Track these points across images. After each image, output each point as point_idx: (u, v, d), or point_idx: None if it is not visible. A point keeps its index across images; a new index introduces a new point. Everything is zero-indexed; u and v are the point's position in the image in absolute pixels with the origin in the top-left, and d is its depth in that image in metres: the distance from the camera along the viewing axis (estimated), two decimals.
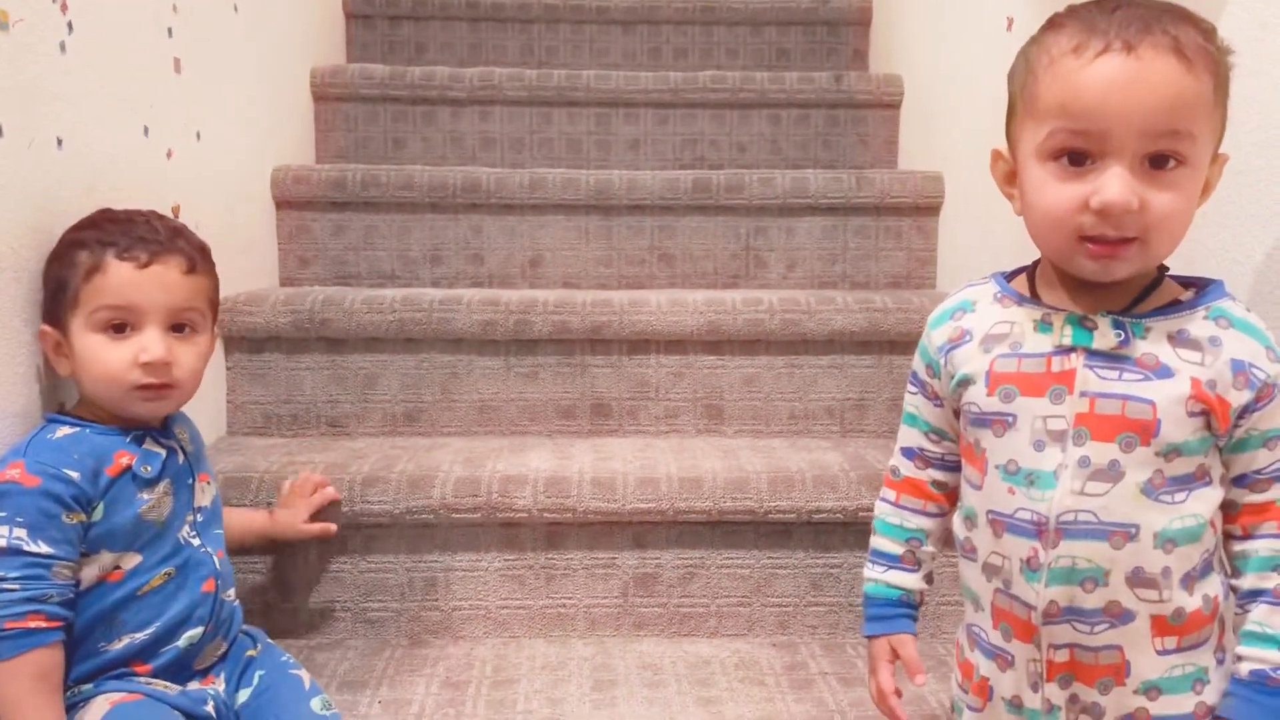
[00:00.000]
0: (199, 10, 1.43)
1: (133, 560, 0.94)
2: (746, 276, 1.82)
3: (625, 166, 2.02)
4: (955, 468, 0.87)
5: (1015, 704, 0.80)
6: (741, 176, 1.80)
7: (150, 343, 0.94)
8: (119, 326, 0.94)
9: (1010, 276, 0.84)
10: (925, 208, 1.81)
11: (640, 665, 1.23)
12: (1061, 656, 0.77)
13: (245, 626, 1.07)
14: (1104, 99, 0.70)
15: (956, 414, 0.84)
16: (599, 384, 1.55)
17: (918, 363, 0.87)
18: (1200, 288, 0.78)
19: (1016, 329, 0.78)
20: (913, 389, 0.88)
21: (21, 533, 0.87)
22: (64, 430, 0.93)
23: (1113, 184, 0.70)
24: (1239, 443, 0.75)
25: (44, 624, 0.87)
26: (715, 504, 1.28)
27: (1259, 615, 0.75)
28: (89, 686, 0.92)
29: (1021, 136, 0.76)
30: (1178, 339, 0.74)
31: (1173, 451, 0.74)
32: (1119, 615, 0.75)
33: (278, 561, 1.29)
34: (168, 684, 0.95)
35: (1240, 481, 0.77)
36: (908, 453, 0.89)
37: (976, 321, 0.81)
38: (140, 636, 0.94)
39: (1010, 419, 0.77)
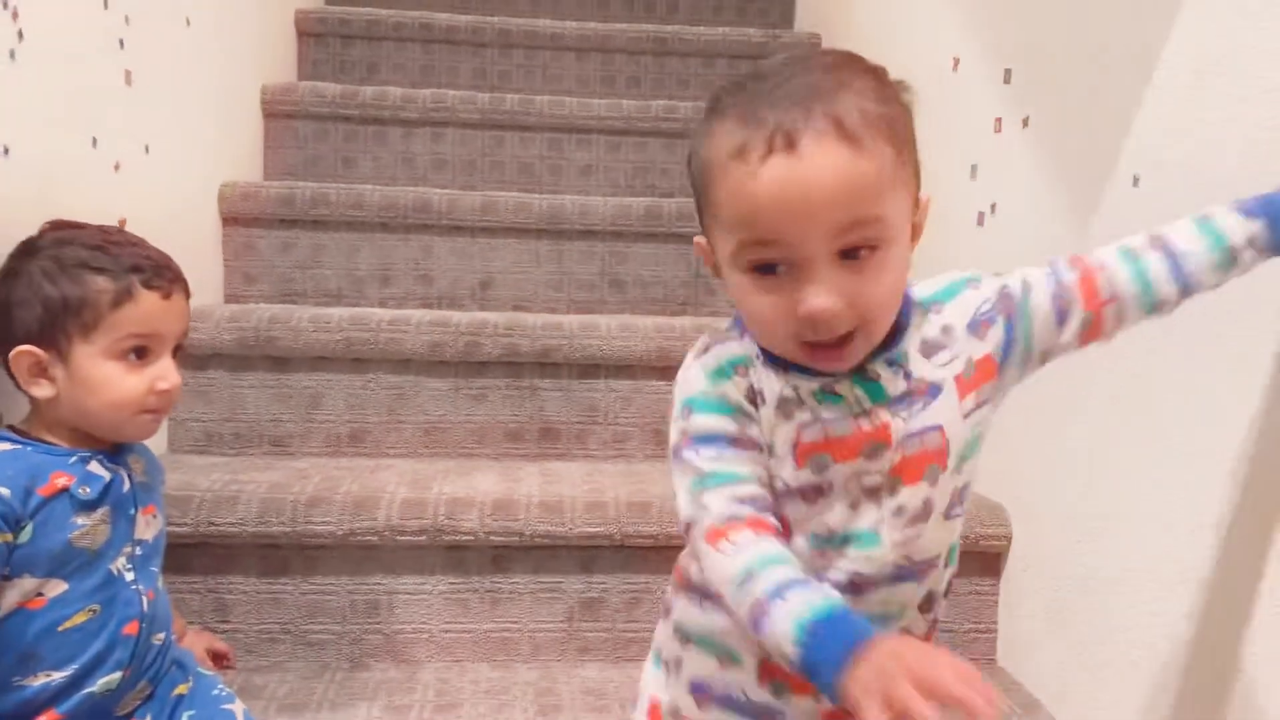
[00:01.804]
0: (152, 23, 1.42)
1: (58, 588, 0.90)
2: (695, 304, 1.84)
3: (577, 192, 2.03)
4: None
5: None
6: (693, 205, 1.82)
7: (167, 371, 0.95)
8: (140, 353, 0.93)
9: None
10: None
11: (584, 690, 1.23)
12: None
13: (176, 653, 1.03)
14: (776, 209, 0.64)
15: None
16: (548, 407, 1.55)
17: (713, 422, 0.73)
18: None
19: (803, 395, 0.72)
20: (711, 452, 0.72)
21: None
22: (3, 446, 0.91)
23: (813, 295, 0.65)
24: (1030, 327, 0.75)
25: None
26: (663, 529, 1.29)
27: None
28: None
29: (715, 239, 0.70)
30: (926, 349, 0.73)
31: (961, 462, 0.74)
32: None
33: (216, 583, 1.27)
34: None
35: (1059, 319, 0.75)
36: (740, 500, 0.71)
37: (762, 382, 0.73)
38: (58, 676, 0.89)
39: (826, 486, 0.72)
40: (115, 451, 0.97)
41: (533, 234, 1.82)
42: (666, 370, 1.56)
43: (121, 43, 1.33)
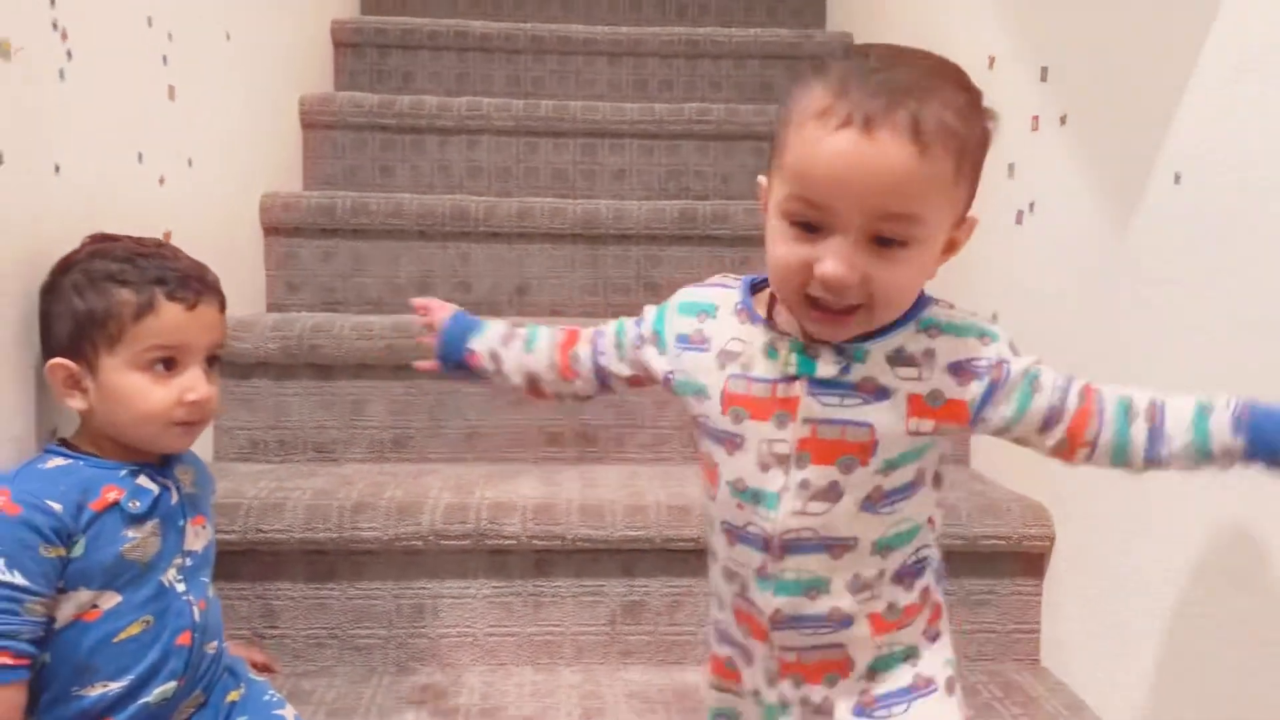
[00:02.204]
0: (193, 39, 1.45)
1: (112, 600, 0.91)
2: None
3: (611, 196, 2.04)
4: (606, 382, 0.93)
5: (756, 697, 0.86)
6: (727, 207, 1.83)
7: (196, 382, 0.95)
8: (168, 364, 0.94)
9: (759, 284, 0.83)
10: None
11: (628, 693, 1.24)
12: (790, 657, 0.82)
13: (227, 660, 1.04)
14: (831, 177, 0.69)
15: (636, 382, 0.90)
16: (586, 411, 1.56)
17: (648, 321, 0.88)
18: (916, 303, 0.79)
19: (748, 350, 0.79)
20: (630, 326, 0.90)
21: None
22: (56, 461, 0.93)
23: (831, 259, 0.70)
24: (1013, 413, 0.77)
25: (10, 661, 0.85)
26: (703, 532, 1.29)
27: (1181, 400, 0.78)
28: None
29: (773, 183, 0.76)
30: (895, 358, 0.76)
31: (890, 466, 0.77)
32: (840, 620, 0.80)
33: (264, 589, 1.29)
34: None
35: (1044, 426, 0.78)
36: (597, 350, 0.92)
37: (716, 330, 0.82)
38: (114, 687, 0.91)
39: (739, 439, 0.79)
40: (163, 464, 0.98)
41: (568, 239, 1.83)
42: None
43: (165, 59, 1.35)
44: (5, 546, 0.86)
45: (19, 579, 0.86)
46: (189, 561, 0.98)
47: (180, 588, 0.96)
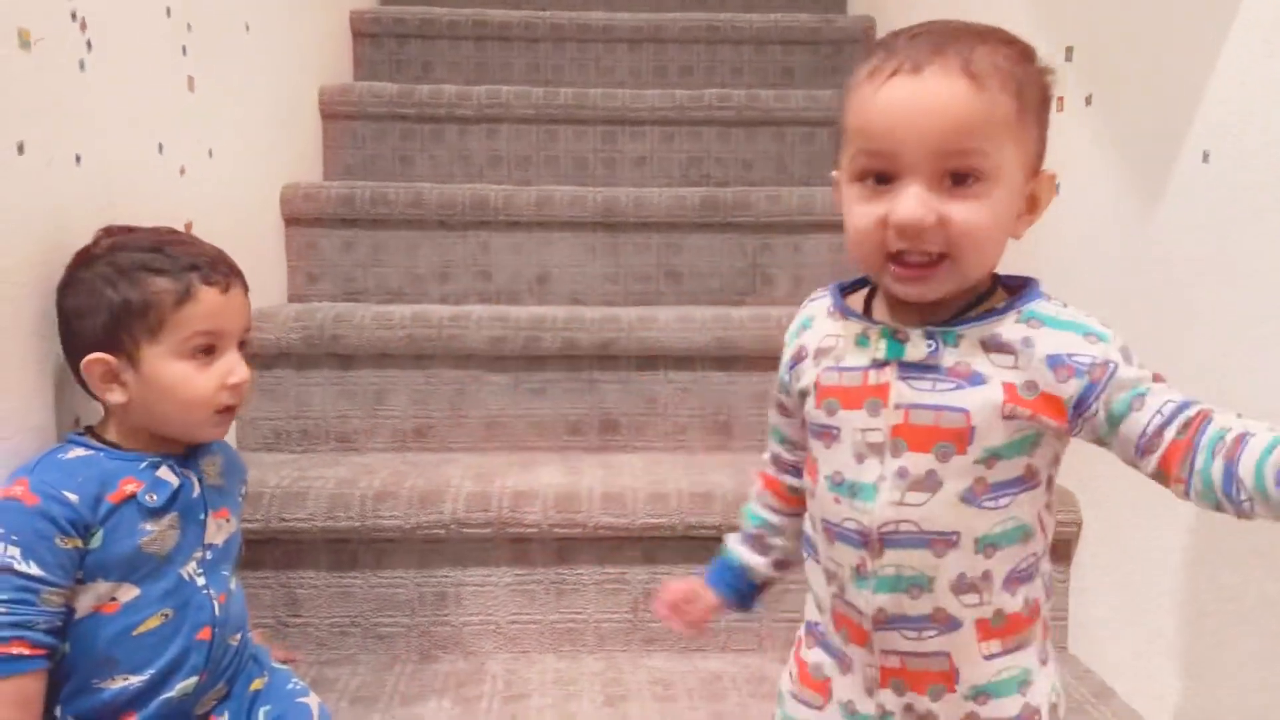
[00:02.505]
0: (212, 30, 1.45)
1: (130, 593, 0.91)
2: (753, 293, 1.83)
3: (631, 184, 2.03)
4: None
5: (850, 709, 0.81)
6: (749, 194, 1.81)
7: (235, 365, 0.96)
8: (207, 350, 0.94)
9: (851, 288, 0.83)
10: None
11: (651, 680, 1.24)
12: (893, 663, 0.78)
13: (251, 649, 1.04)
14: (889, 121, 0.71)
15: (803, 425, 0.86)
16: (607, 400, 1.56)
17: (780, 389, 0.86)
18: (1019, 291, 0.77)
19: (841, 343, 0.79)
20: (777, 418, 0.89)
21: (15, 551, 0.85)
22: (77, 452, 0.93)
23: (905, 201, 0.70)
24: (1107, 422, 0.72)
25: (27, 651, 0.85)
26: (725, 519, 1.29)
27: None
28: None
29: (841, 159, 0.77)
30: (990, 344, 0.74)
31: (992, 457, 0.74)
32: (945, 621, 0.76)
33: (288, 578, 1.29)
34: None
35: (1138, 453, 0.72)
36: (771, 457, 0.91)
37: (811, 337, 0.82)
38: (135, 680, 0.91)
39: (835, 431, 0.78)
40: (188, 455, 0.98)
41: (588, 227, 1.82)
42: (725, 361, 1.55)
43: (184, 49, 1.36)
44: (22, 537, 0.86)
45: (34, 569, 0.86)
46: (209, 555, 0.97)
47: (200, 581, 0.96)
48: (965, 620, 0.76)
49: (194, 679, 0.94)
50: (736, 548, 0.93)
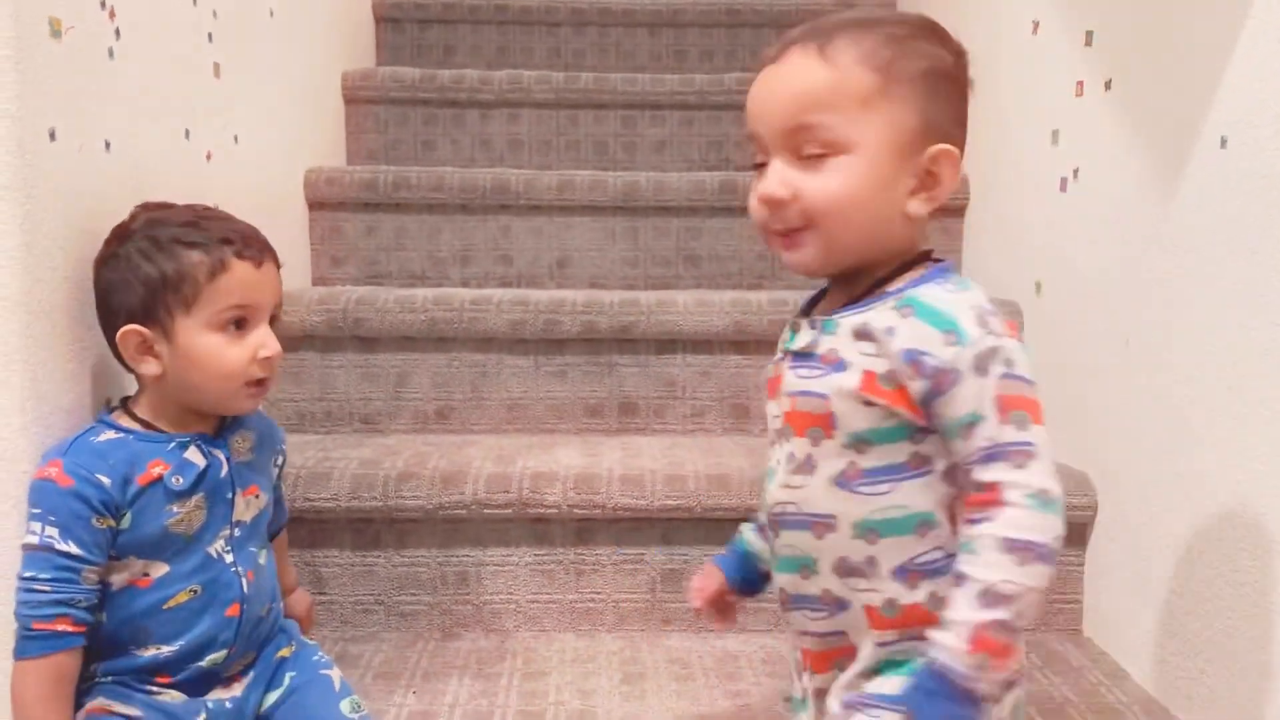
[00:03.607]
0: (237, 16, 1.47)
1: (160, 569, 0.94)
2: (772, 278, 1.84)
3: (651, 168, 2.04)
4: None
5: (789, 693, 0.87)
6: None
7: (267, 339, 0.97)
8: (239, 323, 0.96)
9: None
10: (950, 209, 1.82)
11: (669, 659, 1.25)
12: (806, 643, 0.82)
13: (282, 621, 1.07)
14: (752, 104, 0.78)
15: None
16: (626, 383, 1.57)
17: None
18: (919, 279, 0.76)
19: (782, 339, 0.83)
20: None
21: (54, 532, 0.88)
22: (107, 435, 0.95)
23: (766, 178, 0.76)
24: (946, 431, 0.72)
25: (70, 628, 0.88)
26: (742, 501, 1.30)
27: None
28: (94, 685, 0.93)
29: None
30: (859, 332, 0.75)
31: (860, 442, 0.74)
32: (834, 603, 0.78)
33: (313, 556, 1.32)
34: (175, 695, 0.95)
35: (961, 471, 0.72)
36: None
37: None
38: (166, 650, 0.94)
39: (771, 420, 0.83)
40: (217, 433, 1.00)
41: (608, 212, 1.84)
42: (743, 345, 1.56)
43: (210, 36, 1.37)
44: (60, 518, 0.89)
45: (74, 549, 0.89)
46: (237, 532, 0.99)
47: (228, 559, 0.98)
48: (854, 603, 0.77)
49: (224, 652, 0.97)
50: (747, 534, 0.96)
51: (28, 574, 0.88)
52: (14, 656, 0.88)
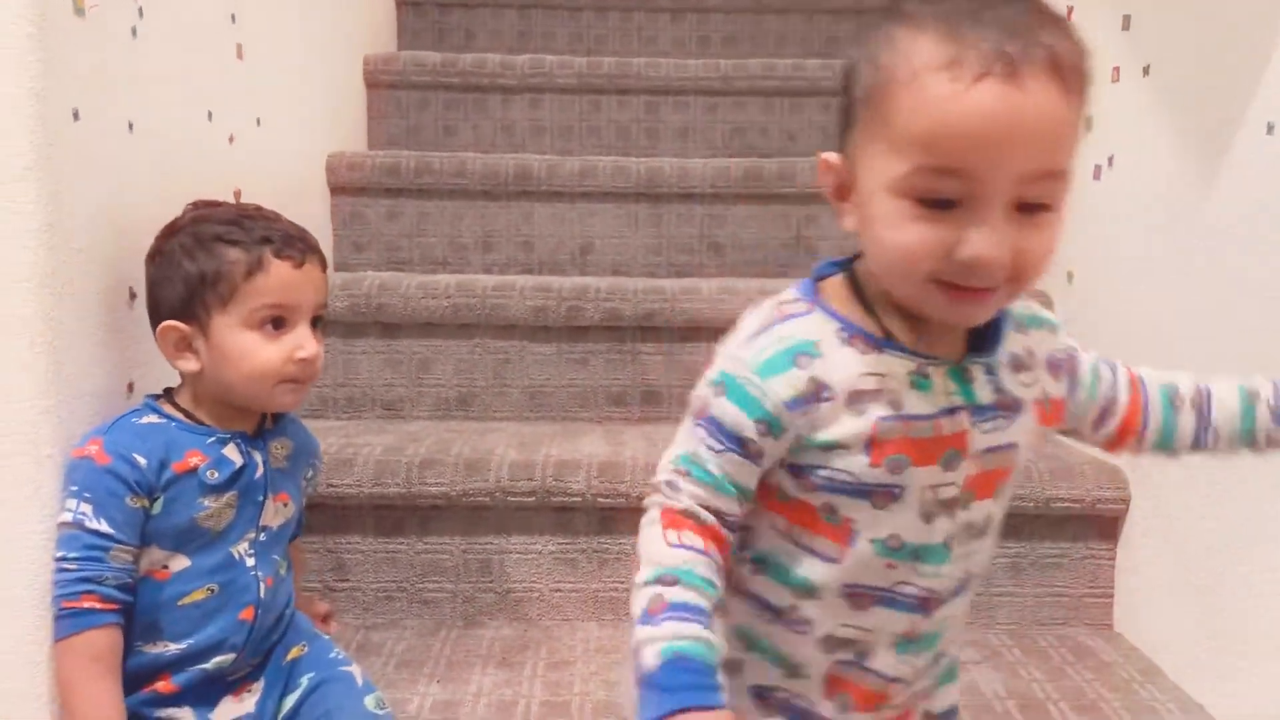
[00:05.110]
0: None
1: (181, 563, 0.93)
2: (796, 266, 1.82)
3: (674, 154, 2.02)
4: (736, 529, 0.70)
5: None
6: (793, 164, 1.80)
7: (305, 339, 0.96)
8: (277, 323, 0.96)
9: (821, 284, 0.70)
10: None
11: None
12: (894, 712, 0.73)
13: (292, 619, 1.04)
14: (980, 138, 0.58)
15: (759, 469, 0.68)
16: (650, 371, 1.56)
17: (735, 417, 0.65)
18: None
19: (889, 383, 0.65)
20: (718, 446, 0.66)
21: (87, 508, 0.88)
22: (150, 418, 0.95)
23: (983, 238, 0.59)
24: (1080, 408, 0.74)
25: (98, 605, 0.88)
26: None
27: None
28: None
29: (869, 158, 0.63)
30: (1015, 364, 0.69)
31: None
32: (944, 655, 0.73)
33: (335, 543, 1.31)
34: (186, 716, 0.93)
35: (1100, 418, 0.75)
36: (713, 512, 0.67)
37: (831, 371, 0.65)
38: (174, 648, 0.93)
39: (897, 491, 0.66)
40: (257, 434, 0.99)
41: (631, 198, 1.82)
42: None
43: (233, 17, 1.36)
44: (94, 494, 0.89)
45: (105, 527, 0.88)
46: (263, 536, 0.98)
47: (250, 562, 0.97)
48: (954, 639, 0.74)
49: (231, 655, 0.95)
50: (709, 635, 0.63)
51: (59, 554, 0.88)
52: (53, 639, 0.88)
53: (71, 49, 0.95)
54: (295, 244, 0.97)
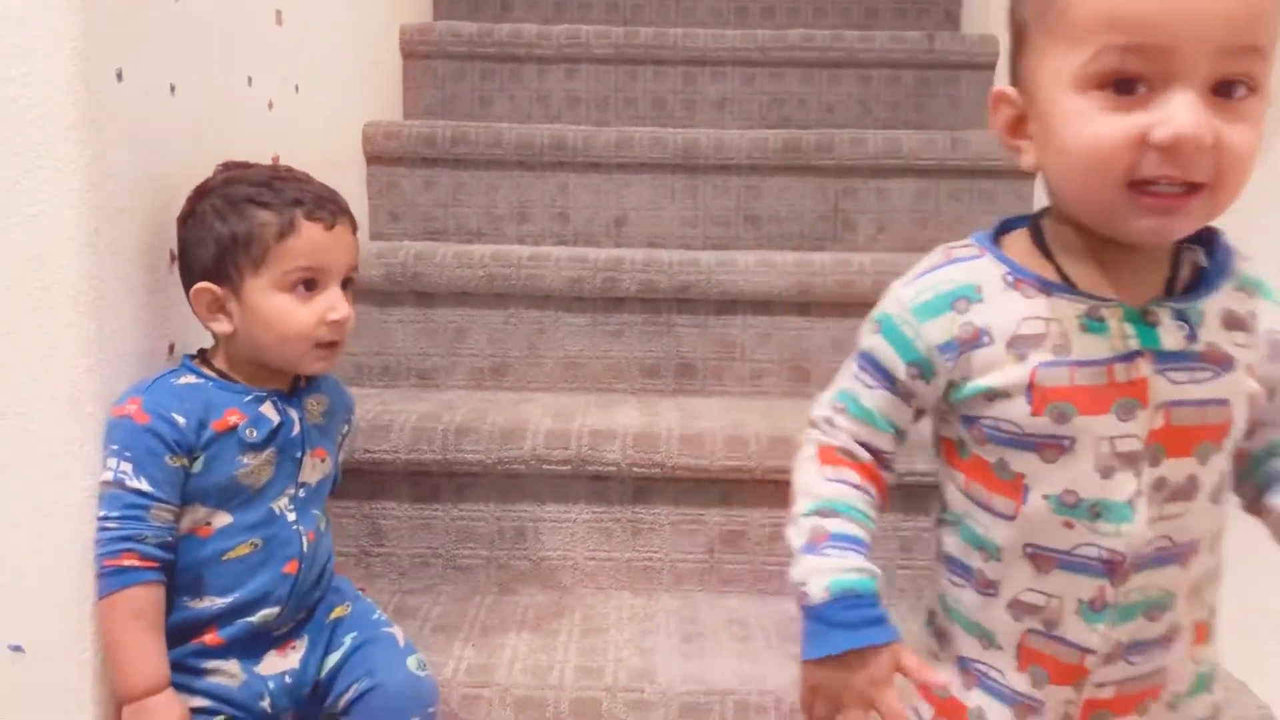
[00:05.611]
0: None
1: (223, 519, 0.94)
2: (834, 239, 1.80)
3: (710, 125, 2.00)
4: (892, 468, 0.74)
5: None
6: (831, 136, 1.78)
7: (336, 301, 0.97)
8: (309, 285, 0.96)
9: (1000, 238, 0.69)
10: (1022, 171, 1.76)
11: (728, 619, 1.24)
12: (1106, 693, 0.68)
13: (335, 580, 1.06)
14: (1169, 6, 0.55)
15: (919, 413, 0.71)
16: (685, 344, 1.55)
17: (888, 355, 0.69)
18: (1206, 246, 0.67)
19: (1054, 328, 0.64)
20: (872, 382, 0.70)
21: (127, 467, 0.89)
22: (188, 379, 0.96)
23: (1184, 112, 0.55)
24: (1264, 405, 0.68)
25: (138, 563, 0.89)
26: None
27: None
28: None
29: (1043, 67, 0.61)
30: (1229, 321, 0.65)
31: (1233, 448, 0.67)
32: (1175, 637, 0.67)
33: (371, 508, 1.31)
34: (233, 672, 0.94)
35: (1252, 432, 0.68)
36: (865, 445, 0.72)
37: (992, 316, 0.65)
38: (220, 602, 0.94)
39: (1067, 443, 0.64)
40: (292, 392, 1.00)
41: (667, 169, 1.81)
42: (805, 307, 1.53)
43: None
44: (134, 453, 0.90)
45: (145, 485, 0.89)
46: (302, 493, 1.00)
47: (291, 517, 0.98)
48: (1187, 628, 0.68)
49: (276, 609, 0.96)
50: (869, 565, 0.68)
51: (101, 513, 0.89)
52: (96, 596, 0.89)
53: (115, 8, 0.95)
54: (326, 205, 0.98)
